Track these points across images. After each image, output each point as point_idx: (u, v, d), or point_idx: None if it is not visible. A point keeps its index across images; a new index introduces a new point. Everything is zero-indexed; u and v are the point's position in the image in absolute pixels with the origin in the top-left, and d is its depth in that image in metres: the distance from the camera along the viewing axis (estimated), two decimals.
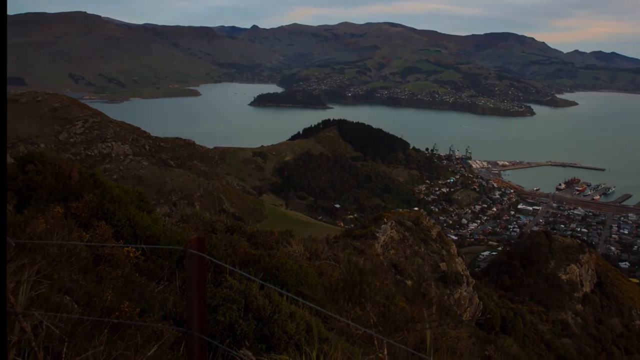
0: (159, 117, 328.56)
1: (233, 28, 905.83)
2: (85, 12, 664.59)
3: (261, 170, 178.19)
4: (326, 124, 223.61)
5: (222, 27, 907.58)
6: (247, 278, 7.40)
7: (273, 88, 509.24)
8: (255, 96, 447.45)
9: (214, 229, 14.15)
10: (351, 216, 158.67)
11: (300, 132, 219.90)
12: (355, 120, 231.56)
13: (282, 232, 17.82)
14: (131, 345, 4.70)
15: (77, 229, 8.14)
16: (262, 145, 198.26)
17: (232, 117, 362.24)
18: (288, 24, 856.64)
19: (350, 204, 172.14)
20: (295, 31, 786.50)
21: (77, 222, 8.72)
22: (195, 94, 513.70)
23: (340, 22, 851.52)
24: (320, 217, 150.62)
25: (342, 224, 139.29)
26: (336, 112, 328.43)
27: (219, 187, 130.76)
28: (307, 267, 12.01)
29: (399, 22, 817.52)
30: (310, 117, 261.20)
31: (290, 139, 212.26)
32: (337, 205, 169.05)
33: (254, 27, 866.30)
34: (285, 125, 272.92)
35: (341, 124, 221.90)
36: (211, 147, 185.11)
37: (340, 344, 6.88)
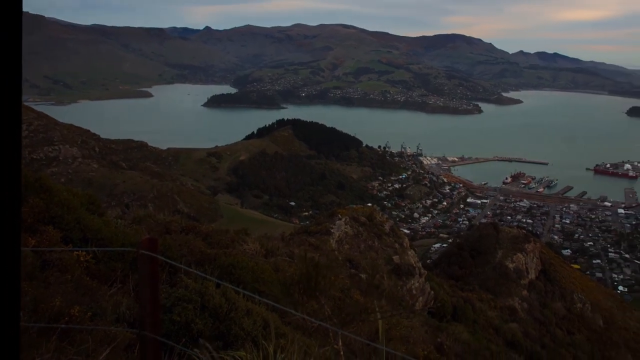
0: (110, 119, 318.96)
1: (185, 29, 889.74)
2: (27, 12, 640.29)
3: (216, 170, 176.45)
4: (280, 123, 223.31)
5: (174, 28, 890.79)
6: (203, 277, 7.28)
7: (227, 89, 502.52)
8: (209, 97, 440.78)
9: (168, 230, 13.84)
10: (306, 213, 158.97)
11: (255, 132, 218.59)
12: (309, 120, 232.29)
13: (237, 230, 17.63)
14: (82, 350, 4.53)
15: (22, 234, 7.78)
16: (217, 146, 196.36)
17: (185, 118, 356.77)
18: (241, 25, 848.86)
19: (306, 202, 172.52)
20: (248, 33, 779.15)
21: (22, 228, 8.33)
22: (147, 95, 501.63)
23: (293, 23, 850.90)
24: (275, 215, 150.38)
25: (297, 221, 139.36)
26: (290, 112, 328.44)
27: (173, 188, 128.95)
28: (263, 264, 11.91)
29: (352, 24, 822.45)
30: (265, 117, 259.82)
31: (244, 139, 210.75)
32: (293, 203, 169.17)
33: (207, 28, 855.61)
34: (239, 125, 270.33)
35: (295, 124, 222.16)
36: (164, 148, 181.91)
37: (297, 337, 6.85)
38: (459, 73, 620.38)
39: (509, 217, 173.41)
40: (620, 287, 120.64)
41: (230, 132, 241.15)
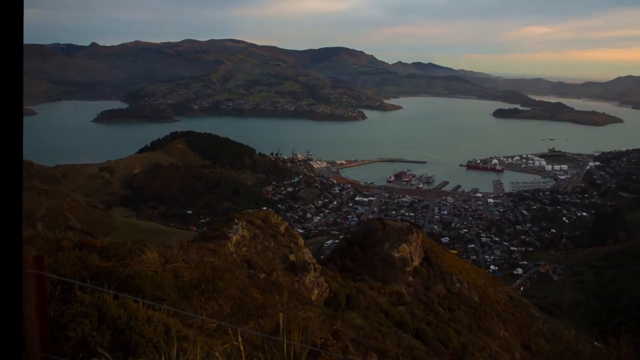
0: None
1: (69, 46, 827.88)
2: None
3: (109, 184, 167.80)
4: (174, 136, 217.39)
5: (57, 44, 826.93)
6: (99, 290, 6.93)
7: (117, 104, 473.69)
8: (99, 113, 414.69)
9: (60, 247, 12.95)
10: (204, 220, 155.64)
11: (149, 145, 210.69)
12: (203, 131, 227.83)
13: (134, 241, 16.84)
14: None
15: None
16: (109, 161, 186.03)
17: (74, 135, 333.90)
18: (130, 41, 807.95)
19: (202, 209, 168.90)
20: (137, 48, 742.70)
21: None
22: (31, 113, 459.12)
23: (183, 39, 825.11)
24: (173, 224, 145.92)
25: (195, 228, 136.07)
26: (184, 125, 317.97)
27: (64, 205, 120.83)
28: (162, 272, 11.51)
29: (241, 39, 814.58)
30: (158, 131, 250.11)
31: (138, 153, 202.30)
32: (190, 212, 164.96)
33: (94, 44, 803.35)
34: (132, 139, 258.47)
35: (189, 136, 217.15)
36: (52, 165, 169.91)
37: (199, 339, 6.70)
38: (344, 83, 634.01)
39: (394, 212, 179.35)
40: (492, 267, 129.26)
41: (123, 146, 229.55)
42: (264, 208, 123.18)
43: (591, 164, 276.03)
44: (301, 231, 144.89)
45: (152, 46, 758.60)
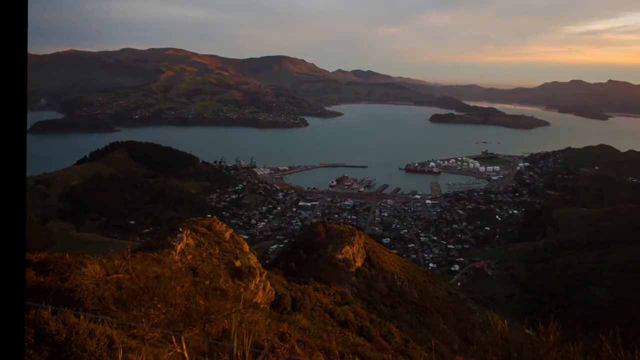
0: None
1: None
2: None
3: (45, 197, 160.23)
4: (114, 146, 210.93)
5: None
6: (36, 307, 6.71)
7: (53, 115, 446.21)
8: (32, 124, 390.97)
9: None
10: (147, 230, 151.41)
11: (88, 156, 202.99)
12: (144, 141, 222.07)
13: (74, 255, 16.27)
14: None
15: None
16: (45, 173, 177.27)
17: None
18: (65, 49, 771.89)
19: (146, 219, 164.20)
20: (73, 57, 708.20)
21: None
22: None
23: (122, 47, 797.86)
24: (115, 235, 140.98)
25: (138, 238, 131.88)
26: (124, 135, 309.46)
27: None
28: (104, 284, 11.22)
29: (182, 48, 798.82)
30: (98, 141, 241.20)
31: (76, 164, 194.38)
32: (132, 222, 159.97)
33: None
34: (70, 150, 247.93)
35: (130, 145, 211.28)
36: None
37: (144, 349, 6.62)
38: (286, 91, 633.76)
39: (336, 216, 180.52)
40: (431, 264, 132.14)
41: (60, 158, 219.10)
42: (209, 216, 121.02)
43: (521, 164, 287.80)
44: (246, 237, 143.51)
45: (89, 55, 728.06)
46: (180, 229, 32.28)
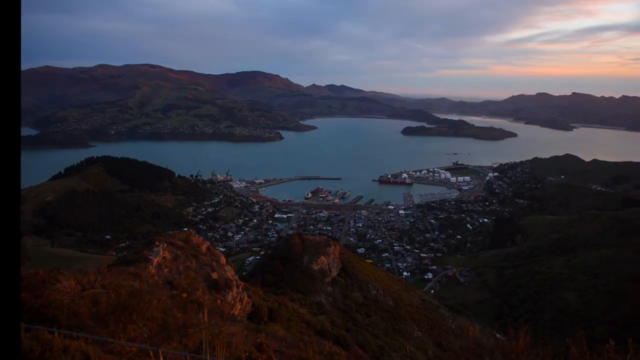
0: None
1: None
2: None
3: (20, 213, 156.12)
4: (90, 161, 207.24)
5: None
6: None
7: (27, 131, 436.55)
8: None
9: None
10: (123, 244, 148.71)
11: (63, 171, 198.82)
12: (120, 156, 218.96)
13: (48, 270, 15.74)
14: None
15: None
16: None
17: None
18: (39, 65, 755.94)
19: (122, 234, 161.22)
20: (47, 73, 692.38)
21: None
22: None
23: (97, 64, 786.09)
24: (90, 250, 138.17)
25: (114, 253, 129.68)
26: (100, 150, 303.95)
27: None
28: (79, 300, 10.81)
29: (158, 64, 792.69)
30: (73, 157, 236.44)
31: (51, 179, 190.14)
32: (108, 237, 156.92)
33: None
34: (44, 166, 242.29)
35: (106, 161, 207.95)
36: None
37: None
38: (261, 105, 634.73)
39: (312, 227, 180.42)
40: (405, 273, 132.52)
41: (34, 174, 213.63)
42: (185, 229, 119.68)
43: (490, 174, 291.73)
44: (223, 250, 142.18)
45: (63, 71, 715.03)
46: (157, 243, 31.70)
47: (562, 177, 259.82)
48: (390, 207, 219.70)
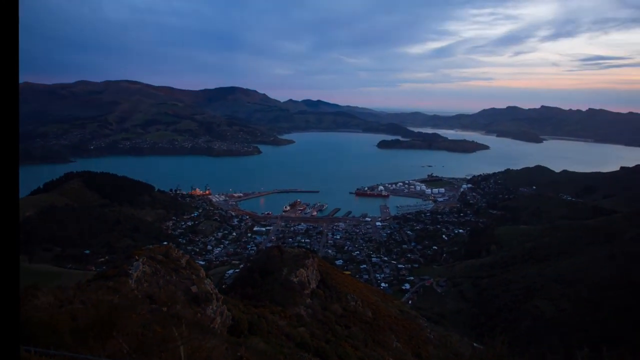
0: None
1: None
2: None
3: None
4: (69, 176, 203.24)
5: None
6: None
7: None
8: None
9: None
10: (102, 259, 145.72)
11: (42, 186, 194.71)
12: (100, 171, 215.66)
13: (26, 287, 14.99)
14: None
15: None
16: None
17: None
18: (19, 82, 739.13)
19: (101, 248, 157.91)
20: (27, 89, 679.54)
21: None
22: None
23: (77, 80, 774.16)
24: (69, 266, 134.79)
25: (93, 268, 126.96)
26: (80, 165, 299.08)
27: None
28: (57, 316, 10.16)
29: (137, 80, 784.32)
30: (52, 172, 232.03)
31: (30, 195, 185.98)
32: (87, 252, 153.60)
33: None
34: (23, 181, 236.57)
35: (86, 175, 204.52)
36: None
37: None
38: (239, 120, 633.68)
39: (291, 239, 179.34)
40: (383, 284, 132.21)
41: None
42: (165, 243, 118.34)
43: (464, 186, 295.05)
44: (202, 263, 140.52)
45: (43, 87, 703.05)
46: (137, 257, 30.92)
47: (534, 188, 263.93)
48: (367, 219, 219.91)
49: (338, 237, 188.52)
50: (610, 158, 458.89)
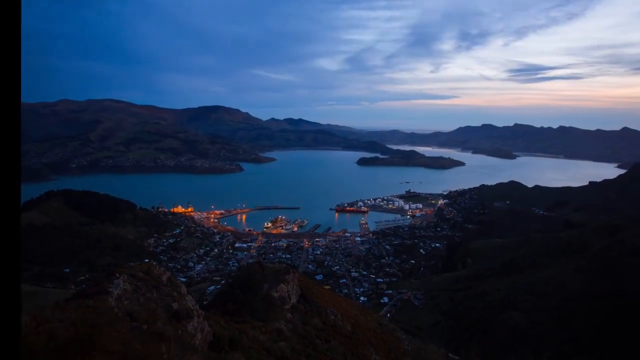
0: None
1: None
2: None
3: None
4: (50, 195, 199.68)
5: None
6: None
7: None
8: None
9: None
10: (83, 277, 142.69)
11: (21, 205, 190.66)
12: (81, 189, 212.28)
13: None
14: None
15: None
16: None
17: None
18: None
19: (82, 267, 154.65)
20: None
21: None
22: None
23: (59, 99, 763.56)
24: (48, 285, 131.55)
25: (73, 286, 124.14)
26: (61, 184, 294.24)
27: None
28: (34, 336, 9.92)
29: (120, 99, 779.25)
30: (33, 191, 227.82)
31: None
32: (67, 270, 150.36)
33: None
34: None
35: (66, 194, 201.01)
36: None
37: None
38: (222, 138, 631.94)
39: (272, 255, 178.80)
40: (362, 298, 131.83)
41: None
42: (146, 260, 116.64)
43: (441, 201, 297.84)
44: (184, 280, 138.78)
45: (24, 106, 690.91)
46: (117, 275, 30.38)
47: (508, 202, 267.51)
48: (347, 234, 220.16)
49: (318, 252, 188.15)
50: (577, 173, 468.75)
